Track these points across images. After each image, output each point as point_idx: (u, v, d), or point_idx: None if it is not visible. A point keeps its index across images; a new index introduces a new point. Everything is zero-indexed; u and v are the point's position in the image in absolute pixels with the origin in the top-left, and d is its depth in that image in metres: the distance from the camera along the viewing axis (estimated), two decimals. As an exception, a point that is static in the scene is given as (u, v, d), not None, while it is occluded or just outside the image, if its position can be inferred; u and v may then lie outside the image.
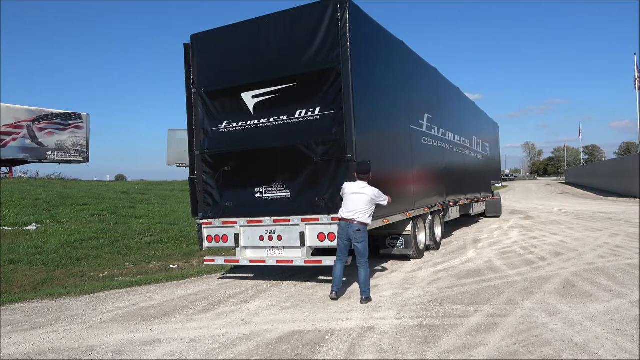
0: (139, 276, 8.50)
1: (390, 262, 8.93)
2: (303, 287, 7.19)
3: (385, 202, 6.37)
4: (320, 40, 6.82)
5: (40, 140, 26.31)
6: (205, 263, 7.98)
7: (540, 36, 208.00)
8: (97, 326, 5.53)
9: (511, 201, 29.58)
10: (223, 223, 7.63)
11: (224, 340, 4.85)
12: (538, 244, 10.52)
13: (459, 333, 4.71)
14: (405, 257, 9.10)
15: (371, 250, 8.76)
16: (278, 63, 7.18)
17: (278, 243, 7.22)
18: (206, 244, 7.84)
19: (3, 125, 24.66)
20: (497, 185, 20.45)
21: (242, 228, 7.48)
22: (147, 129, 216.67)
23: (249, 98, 7.38)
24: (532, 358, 4.02)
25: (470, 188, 13.90)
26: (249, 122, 7.39)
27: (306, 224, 6.93)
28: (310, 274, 8.03)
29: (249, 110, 7.38)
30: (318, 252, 7.76)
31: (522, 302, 5.70)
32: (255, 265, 7.82)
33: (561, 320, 4.96)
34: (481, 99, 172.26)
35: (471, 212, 14.93)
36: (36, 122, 26.11)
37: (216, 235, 7.71)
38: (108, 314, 6.05)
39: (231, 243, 7.57)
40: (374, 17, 7.69)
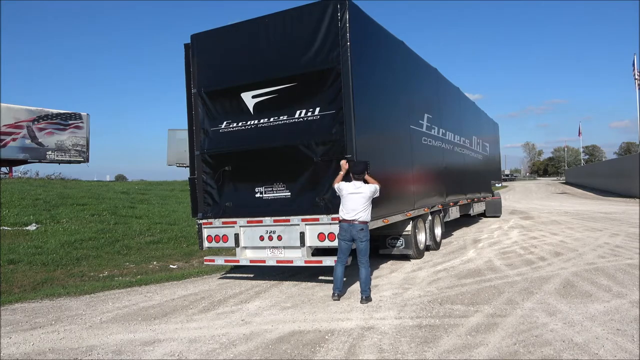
0: (139, 276, 8.50)
1: (390, 262, 8.93)
2: (303, 287, 7.19)
3: (379, 191, 6.38)
4: (320, 40, 6.82)
5: (40, 140, 26.30)
6: (205, 263, 7.98)
7: (540, 36, 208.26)
8: (97, 326, 5.53)
9: (511, 201, 29.58)
10: (223, 223, 7.63)
11: (224, 340, 4.85)
12: (538, 244, 10.52)
13: (459, 333, 4.72)
14: (405, 257, 9.10)
15: (371, 250, 8.81)
16: (278, 63, 7.18)
17: (278, 243, 7.22)
18: (206, 244, 7.84)
19: (3, 125, 24.66)
20: (497, 185, 20.45)
21: (242, 228, 7.48)
22: (147, 129, 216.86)
23: (249, 98, 7.39)
24: (532, 358, 4.02)
25: (470, 188, 13.90)
26: (249, 122, 7.39)
27: (306, 224, 6.93)
28: (310, 274, 8.03)
29: (249, 110, 7.38)
30: (318, 252, 7.76)
31: (522, 302, 5.71)
32: (255, 265, 7.82)
33: (561, 320, 4.96)
34: (481, 99, 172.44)
35: (471, 212, 14.93)
36: (36, 122, 26.10)
37: (216, 235, 7.71)
38: (108, 314, 6.05)
39: (231, 243, 7.57)
40: (374, 17, 7.69)
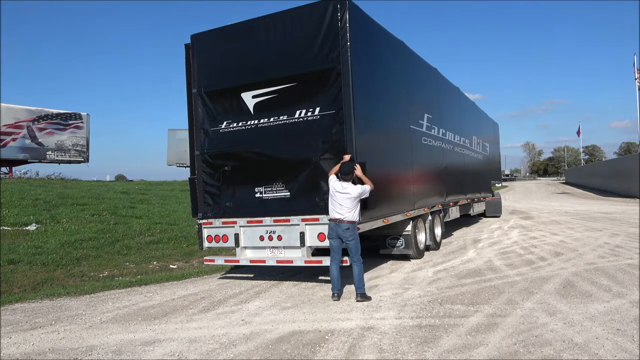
0: (139, 276, 8.50)
1: (390, 262, 8.93)
2: (303, 287, 7.19)
3: (368, 192, 6.33)
4: (320, 40, 6.83)
5: (40, 140, 26.31)
6: (205, 263, 7.98)
7: (540, 36, 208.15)
8: (97, 326, 5.53)
9: (511, 201, 29.58)
10: (223, 223, 7.63)
11: (224, 340, 4.85)
12: (538, 244, 10.52)
13: (459, 333, 4.71)
14: (405, 257, 9.10)
15: (371, 250, 8.82)
16: (278, 63, 7.19)
17: (278, 243, 7.22)
18: (206, 244, 7.84)
19: (3, 125, 24.66)
20: (497, 185, 20.45)
21: (242, 228, 7.48)
22: (147, 129, 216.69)
23: (249, 98, 7.39)
24: (532, 358, 4.02)
25: (470, 188, 13.90)
26: (249, 122, 7.39)
27: (306, 224, 6.93)
28: (310, 274, 8.03)
29: (249, 110, 7.38)
30: (318, 252, 7.76)
31: (522, 302, 5.70)
32: (255, 265, 7.82)
33: (561, 320, 4.96)
34: (481, 99, 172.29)
35: (471, 212, 14.93)
36: (36, 122, 26.11)
37: (216, 235, 7.71)
38: (108, 314, 6.05)
39: (231, 243, 7.57)
40: (374, 17, 7.70)
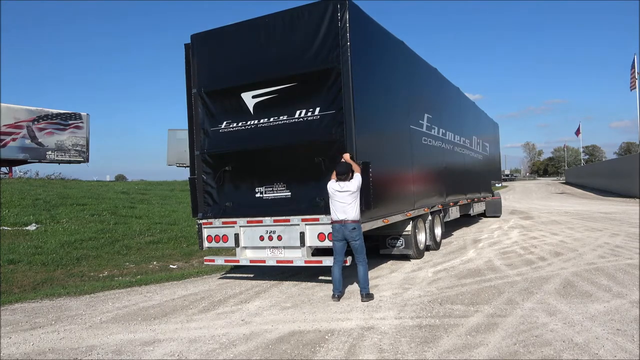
0: (139, 276, 8.50)
1: (390, 262, 8.93)
2: (303, 287, 7.19)
3: (361, 180, 6.22)
4: (320, 40, 6.82)
5: (40, 140, 26.30)
6: (205, 263, 7.98)
7: (540, 36, 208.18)
8: (97, 326, 5.53)
9: (511, 201, 29.59)
10: (223, 223, 7.62)
11: (224, 340, 4.85)
12: (538, 244, 10.52)
13: (459, 333, 4.71)
14: (405, 257, 9.10)
15: (371, 250, 8.80)
16: (278, 63, 7.18)
17: (278, 243, 7.22)
18: (206, 244, 7.84)
19: (3, 125, 24.66)
20: (497, 185, 20.45)
21: (242, 228, 7.48)
22: (147, 129, 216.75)
23: (249, 98, 7.39)
24: (532, 358, 4.02)
25: (470, 188, 13.90)
26: (249, 122, 7.39)
27: (306, 224, 6.93)
28: (310, 274, 8.02)
29: (249, 110, 7.38)
30: (318, 252, 7.77)
31: (522, 302, 5.70)
32: (255, 265, 7.82)
33: (561, 320, 4.96)
34: (481, 99, 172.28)
35: (471, 212, 14.93)
36: (36, 122, 26.11)
37: (216, 235, 7.71)
38: (108, 314, 6.05)
39: (231, 243, 7.57)
40: (374, 17, 7.70)
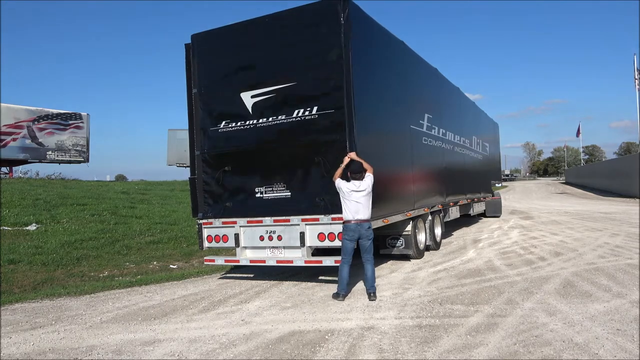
0: (139, 276, 8.50)
1: (390, 262, 8.93)
2: (303, 287, 7.19)
3: (372, 177, 6.33)
4: (320, 40, 6.83)
5: (40, 140, 26.32)
6: (205, 263, 7.98)
7: (540, 36, 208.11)
8: (97, 326, 5.53)
9: (511, 201, 29.58)
10: (223, 223, 7.63)
11: (224, 340, 4.85)
12: (538, 244, 10.52)
13: (459, 333, 4.72)
14: (405, 257, 9.10)
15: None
16: (277, 63, 7.19)
17: (278, 243, 7.22)
18: (206, 244, 7.84)
19: (3, 125, 24.67)
20: (497, 185, 20.45)
21: (242, 228, 7.48)
22: (147, 129, 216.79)
23: (248, 98, 7.39)
24: (532, 358, 4.02)
25: (470, 188, 13.90)
26: (248, 122, 7.39)
27: (306, 224, 6.93)
28: (310, 274, 8.02)
29: (248, 110, 7.38)
30: (318, 252, 7.76)
31: (522, 302, 5.70)
32: (255, 265, 7.82)
33: (561, 320, 4.96)
34: (481, 99, 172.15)
35: (471, 212, 14.93)
36: (36, 122, 26.12)
37: (216, 235, 7.71)
38: (108, 314, 6.05)
39: (231, 243, 7.57)
40: (374, 17, 7.70)
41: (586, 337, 4.42)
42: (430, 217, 9.81)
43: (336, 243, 6.68)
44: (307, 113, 6.91)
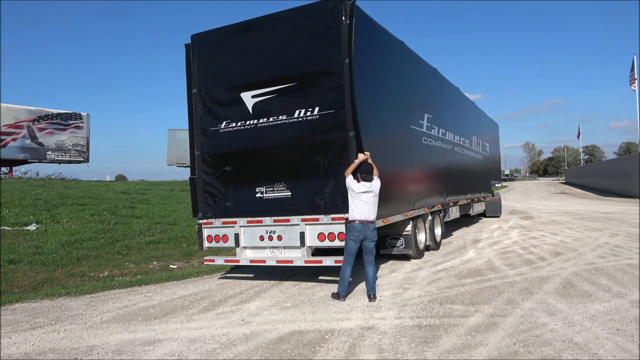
0: (139, 276, 8.50)
1: (390, 262, 8.93)
2: (303, 287, 7.19)
3: (379, 181, 6.39)
4: (320, 40, 6.83)
5: (40, 140, 26.31)
6: (205, 263, 7.99)
7: (540, 36, 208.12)
8: (97, 326, 5.53)
9: (511, 201, 29.58)
10: (223, 223, 7.63)
11: (224, 340, 4.85)
12: (538, 244, 10.52)
13: (459, 333, 4.72)
14: (405, 257, 9.10)
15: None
16: (278, 63, 7.19)
17: (278, 243, 7.22)
18: (206, 244, 7.84)
19: (3, 125, 24.67)
20: (497, 185, 20.45)
21: (242, 228, 7.48)
22: (147, 129, 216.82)
23: (249, 98, 7.39)
24: (532, 358, 4.02)
25: (470, 188, 13.90)
26: (248, 122, 7.39)
27: (306, 224, 6.93)
28: (310, 274, 8.03)
29: (248, 110, 7.38)
30: (318, 252, 7.76)
31: (522, 302, 5.71)
32: (255, 265, 7.82)
33: (561, 320, 4.97)
34: (481, 99, 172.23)
35: (471, 212, 14.93)
36: (36, 122, 26.11)
37: (216, 235, 7.72)
38: (108, 314, 6.05)
39: (231, 243, 7.57)
40: (374, 18, 7.69)
41: (586, 337, 4.42)
42: (430, 217, 9.81)
43: (336, 243, 6.68)
44: (309, 113, 6.91)
